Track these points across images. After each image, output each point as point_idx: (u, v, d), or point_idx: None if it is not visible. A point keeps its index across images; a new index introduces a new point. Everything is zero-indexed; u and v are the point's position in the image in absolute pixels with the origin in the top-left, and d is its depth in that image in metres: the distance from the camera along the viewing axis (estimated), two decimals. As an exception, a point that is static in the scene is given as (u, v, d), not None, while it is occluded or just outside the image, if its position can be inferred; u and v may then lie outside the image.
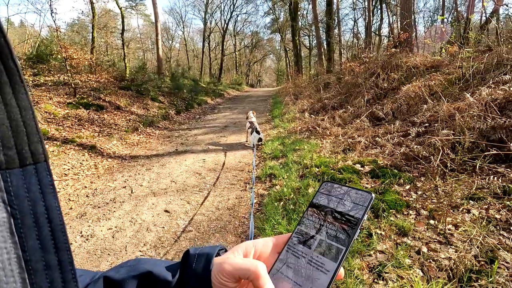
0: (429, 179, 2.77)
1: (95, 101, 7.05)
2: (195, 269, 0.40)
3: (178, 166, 4.49)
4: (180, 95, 11.48)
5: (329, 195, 0.40)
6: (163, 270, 0.41)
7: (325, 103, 7.19)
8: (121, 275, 0.39)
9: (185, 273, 0.40)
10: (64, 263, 0.24)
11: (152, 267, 0.41)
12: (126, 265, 0.41)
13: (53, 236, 0.24)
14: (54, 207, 0.24)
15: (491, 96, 3.39)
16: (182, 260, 0.42)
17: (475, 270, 1.68)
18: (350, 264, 1.88)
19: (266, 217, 2.72)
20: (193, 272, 0.39)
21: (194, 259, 0.41)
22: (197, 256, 0.41)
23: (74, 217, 3.06)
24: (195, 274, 0.39)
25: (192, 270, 0.40)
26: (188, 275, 0.40)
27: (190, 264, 0.40)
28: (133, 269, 0.40)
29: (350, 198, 0.38)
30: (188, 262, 0.41)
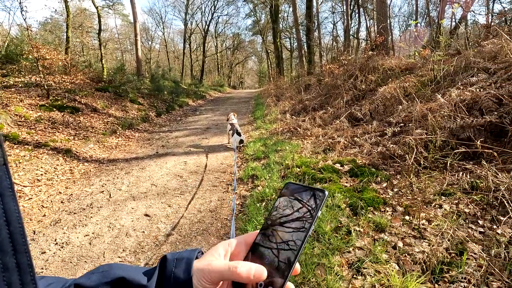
0: (404, 177, 2.88)
1: (70, 103, 6.78)
2: (175, 273, 0.39)
3: (158, 169, 4.41)
4: (161, 97, 11.27)
5: (291, 195, 0.44)
6: (137, 275, 0.40)
7: (306, 104, 7.31)
8: (93, 282, 0.38)
9: (163, 278, 0.39)
10: (23, 265, 0.24)
11: (125, 272, 0.40)
12: (97, 272, 0.40)
13: (11, 239, 0.23)
14: (13, 210, 0.24)
15: (460, 97, 3.58)
16: (159, 265, 0.41)
17: (446, 262, 1.77)
18: (330, 261, 1.92)
19: (248, 218, 2.73)
20: (174, 276, 0.39)
21: (173, 264, 0.40)
22: (176, 261, 0.40)
23: (48, 225, 2.92)
24: (176, 278, 0.39)
25: (172, 274, 0.39)
26: (167, 280, 0.39)
27: (169, 269, 0.40)
28: (105, 275, 0.39)
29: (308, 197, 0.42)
30: (166, 267, 0.40)
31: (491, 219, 2.09)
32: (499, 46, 4.39)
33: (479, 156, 2.87)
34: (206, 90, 19.00)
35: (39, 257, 2.41)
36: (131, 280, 0.39)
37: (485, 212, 2.17)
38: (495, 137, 3.05)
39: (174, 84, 15.49)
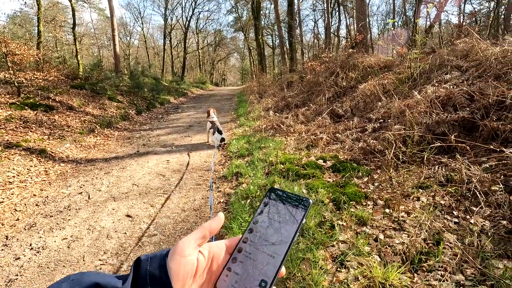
0: (384, 171, 2.98)
1: (43, 101, 6.45)
2: (149, 271, 0.38)
3: (140, 168, 4.30)
4: (141, 94, 10.97)
5: (275, 201, 0.44)
6: (111, 279, 0.38)
7: (289, 102, 7.37)
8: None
9: (139, 278, 0.38)
10: None
11: (98, 278, 0.38)
12: (68, 280, 0.38)
13: None
14: None
15: (435, 93, 3.74)
16: (133, 267, 0.40)
17: (424, 252, 1.85)
18: (315, 256, 1.95)
19: (233, 215, 2.72)
20: (150, 275, 0.38)
21: (147, 263, 0.39)
22: (150, 260, 0.40)
23: (22, 229, 2.78)
24: (151, 276, 0.38)
25: (147, 273, 0.38)
26: (143, 280, 0.38)
27: (144, 269, 0.39)
28: (77, 283, 0.37)
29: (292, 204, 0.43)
30: (140, 267, 0.39)
31: (465, 210, 2.20)
32: (470, 45, 4.61)
33: (453, 150, 3.01)
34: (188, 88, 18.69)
35: (12, 264, 2.29)
36: (106, 285, 0.37)
37: (459, 203, 2.29)
38: (468, 131, 3.21)
39: (155, 81, 15.12)
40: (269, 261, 0.38)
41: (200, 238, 0.41)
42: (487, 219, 2.06)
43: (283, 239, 0.39)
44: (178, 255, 0.39)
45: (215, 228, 0.43)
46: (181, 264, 0.38)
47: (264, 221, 0.42)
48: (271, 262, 0.38)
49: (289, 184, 3.08)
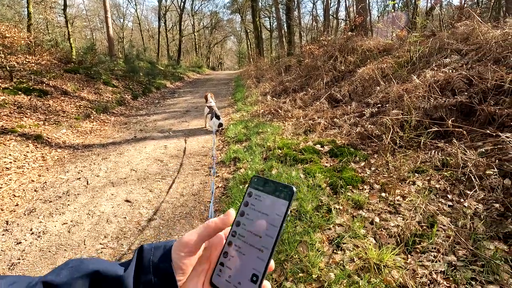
0: (381, 156, 3.00)
1: (37, 85, 6.33)
2: (153, 261, 0.38)
3: (137, 154, 4.30)
4: (136, 79, 10.80)
5: (258, 190, 0.42)
6: (112, 266, 0.38)
7: (287, 86, 7.30)
8: (63, 278, 0.35)
9: (141, 267, 0.38)
10: None
11: (98, 265, 0.38)
12: (67, 267, 0.37)
13: None
14: None
15: (434, 78, 3.71)
16: (136, 255, 0.40)
17: (418, 234, 1.89)
18: (312, 239, 2.00)
19: (231, 200, 2.75)
20: (153, 265, 0.38)
21: (151, 253, 0.39)
22: (153, 250, 0.40)
23: (22, 214, 2.80)
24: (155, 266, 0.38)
25: (150, 263, 0.38)
26: (146, 269, 0.38)
27: (147, 258, 0.39)
28: (77, 270, 0.37)
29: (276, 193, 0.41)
30: (143, 257, 0.39)
31: (459, 193, 2.24)
32: (471, 28, 4.54)
33: (449, 135, 3.03)
34: (184, 72, 18.39)
35: (14, 248, 2.32)
36: (106, 272, 0.37)
37: (454, 187, 2.33)
38: (465, 116, 3.22)
39: (150, 65, 14.84)
40: (258, 255, 0.38)
41: (205, 236, 0.40)
42: (480, 202, 2.10)
43: (269, 231, 0.38)
44: (182, 251, 0.39)
45: (220, 227, 0.41)
46: (185, 259, 0.39)
47: (249, 213, 0.41)
48: (260, 256, 0.38)
49: (287, 169, 3.10)
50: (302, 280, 1.71)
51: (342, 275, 1.68)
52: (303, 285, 1.68)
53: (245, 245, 0.39)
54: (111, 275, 0.37)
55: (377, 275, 1.64)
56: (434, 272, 1.63)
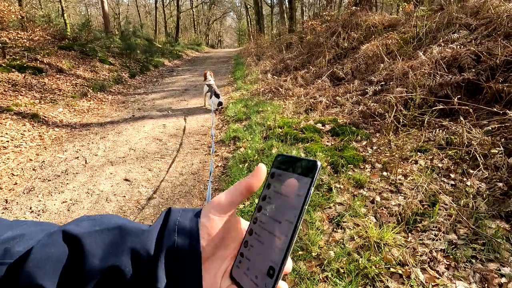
0: (384, 135, 2.94)
1: (31, 63, 6.16)
2: (180, 222, 0.34)
3: (136, 133, 4.24)
4: (133, 56, 10.52)
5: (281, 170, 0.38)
6: (135, 224, 0.35)
7: (288, 64, 7.11)
8: (83, 229, 0.32)
9: (167, 227, 0.34)
10: None
11: (121, 220, 0.34)
12: (88, 219, 0.34)
13: None
14: None
15: (440, 54, 3.57)
16: (164, 215, 0.36)
17: (419, 213, 1.88)
18: (312, 217, 1.99)
19: (231, 179, 2.73)
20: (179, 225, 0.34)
21: (179, 214, 0.35)
22: (182, 211, 0.36)
23: (21, 193, 2.79)
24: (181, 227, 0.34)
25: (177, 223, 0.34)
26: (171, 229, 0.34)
27: (174, 219, 0.35)
28: (98, 223, 0.33)
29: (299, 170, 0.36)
30: (170, 217, 0.35)
31: (462, 173, 2.20)
32: (482, 0, 4.32)
33: (455, 113, 2.96)
34: (183, 49, 17.92)
35: (14, 226, 2.32)
36: (130, 228, 0.33)
37: (457, 166, 2.29)
38: (471, 94, 3.12)
39: (147, 42, 14.42)
40: (277, 244, 0.33)
41: (236, 195, 0.35)
42: (483, 181, 2.07)
43: (289, 215, 0.34)
44: (210, 213, 0.35)
45: (255, 184, 0.36)
46: (214, 222, 0.34)
47: (271, 196, 0.37)
48: (278, 245, 0.33)
49: (287, 148, 3.05)
50: (302, 258, 1.71)
51: (341, 253, 1.68)
52: (302, 263, 1.68)
53: (264, 232, 0.35)
54: (135, 231, 0.33)
55: (377, 253, 1.64)
56: (434, 250, 1.62)
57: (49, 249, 0.31)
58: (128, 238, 0.33)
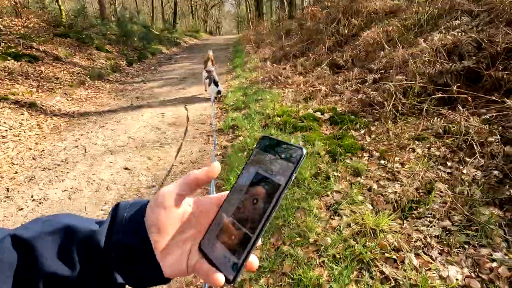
0: (382, 123, 2.95)
1: (26, 50, 6.07)
2: (126, 216, 0.35)
3: (135, 122, 4.23)
4: (130, 44, 10.36)
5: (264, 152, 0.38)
6: (86, 222, 0.36)
7: (287, 51, 7.02)
8: (32, 232, 0.33)
9: (115, 223, 0.35)
10: None
11: (72, 220, 0.35)
12: (39, 221, 0.35)
13: None
14: None
15: (441, 41, 3.53)
16: (112, 212, 0.37)
17: (415, 200, 1.91)
18: (310, 205, 2.02)
19: (230, 167, 2.75)
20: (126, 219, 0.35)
21: (126, 209, 0.36)
22: (129, 206, 0.37)
23: (22, 182, 2.81)
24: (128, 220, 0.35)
25: (124, 218, 0.35)
26: (118, 225, 0.35)
27: (121, 214, 0.36)
28: (49, 225, 0.34)
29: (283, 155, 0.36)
30: (117, 213, 0.36)
31: (459, 161, 2.22)
32: (485, -14, 4.23)
33: (453, 102, 2.95)
34: (181, 36, 17.63)
35: (17, 214, 2.36)
36: (79, 228, 0.34)
37: (454, 154, 2.31)
38: (471, 82, 3.11)
39: (145, 29, 14.15)
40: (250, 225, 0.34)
41: (184, 188, 0.36)
42: (479, 169, 2.10)
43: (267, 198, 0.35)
44: (157, 206, 0.35)
45: (201, 178, 0.36)
46: (160, 215, 0.35)
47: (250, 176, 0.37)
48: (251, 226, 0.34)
49: (286, 137, 3.06)
50: (299, 244, 1.75)
51: (338, 239, 1.72)
52: (300, 249, 1.72)
53: (238, 213, 0.36)
54: (84, 231, 0.34)
55: (373, 240, 1.68)
56: (429, 236, 1.66)
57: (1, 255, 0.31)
58: (77, 237, 0.34)
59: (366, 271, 1.52)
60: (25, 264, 0.32)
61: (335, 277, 1.50)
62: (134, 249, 0.34)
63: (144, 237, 0.34)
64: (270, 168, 0.36)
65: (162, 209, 0.35)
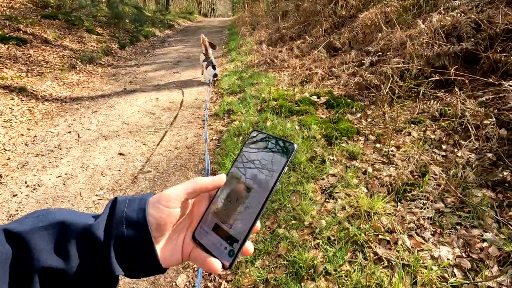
0: (378, 107, 2.93)
1: (13, 33, 5.86)
2: (126, 213, 0.35)
3: (128, 107, 4.16)
4: (122, 26, 10.04)
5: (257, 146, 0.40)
6: (82, 217, 0.35)
7: (283, 34, 6.86)
8: (25, 227, 0.32)
9: (113, 219, 0.35)
10: None
11: (66, 215, 0.34)
12: (32, 216, 0.34)
13: None
14: None
15: (440, 22, 3.46)
16: (109, 207, 0.36)
17: (409, 183, 1.92)
18: (305, 189, 2.03)
19: (225, 152, 2.74)
20: (126, 216, 0.35)
21: (125, 205, 0.36)
22: (128, 202, 0.36)
23: (15, 168, 2.78)
24: (127, 218, 0.35)
25: (123, 215, 0.35)
26: (118, 221, 0.34)
27: (120, 210, 0.35)
28: (42, 219, 0.33)
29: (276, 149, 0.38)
30: (116, 208, 0.36)
31: (453, 144, 2.23)
32: (487, -36, 4.10)
33: (450, 84, 2.93)
34: (174, 19, 17.11)
35: (11, 200, 2.35)
36: (74, 223, 0.34)
37: (449, 137, 2.31)
38: (468, 64, 3.08)
39: (136, 10, 13.70)
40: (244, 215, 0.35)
41: (190, 193, 0.37)
42: (473, 152, 2.11)
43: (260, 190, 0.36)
44: (161, 205, 0.36)
45: (209, 187, 0.38)
46: (164, 214, 0.35)
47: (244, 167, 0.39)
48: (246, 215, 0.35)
49: (282, 121, 3.04)
50: (294, 227, 1.77)
51: (333, 222, 1.74)
52: (295, 232, 1.74)
53: (232, 204, 0.37)
54: (81, 225, 0.34)
55: (367, 222, 1.70)
56: (422, 218, 1.69)
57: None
58: (74, 231, 0.33)
59: (360, 252, 1.54)
60: (19, 258, 0.31)
61: (329, 258, 1.52)
62: (135, 243, 0.34)
63: (145, 232, 0.34)
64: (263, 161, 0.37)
65: (166, 209, 0.35)
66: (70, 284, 0.33)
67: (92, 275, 0.33)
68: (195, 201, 0.40)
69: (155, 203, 0.36)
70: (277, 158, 0.36)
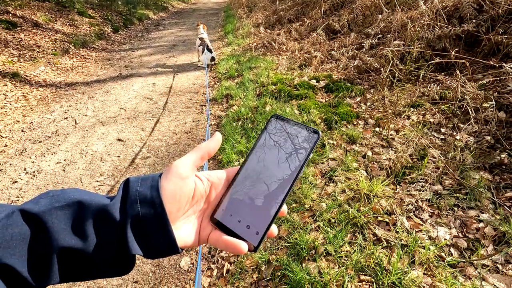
0: (378, 90, 2.91)
1: (2, 16, 5.66)
2: (140, 191, 0.35)
3: (125, 92, 4.10)
4: (115, 8, 9.72)
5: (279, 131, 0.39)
6: (97, 197, 0.35)
7: (281, 16, 6.69)
8: (41, 207, 0.32)
9: (127, 198, 0.35)
10: None
11: (81, 195, 0.34)
12: (47, 196, 0.34)
13: None
14: None
15: (442, 3, 3.39)
16: (123, 187, 0.36)
17: (408, 166, 1.95)
18: (305, 173, 2.04)
19: (225, 137, 2.73)
20: (140, 195, 0.35)
21: (138, 184, 0.36)
22: (140, 181, 0.36)
23: (13, 155, 2.76)
24: (142, 196, 0.35)
25: (137, 193, 0.35)
26: (132, 200, 0.34)
27: (134, 189, 0.35)
28: (57, 199, 0.33)
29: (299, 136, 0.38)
30: (129, 187, 0.36)
31: (453, 127, 2.24)
32: None
33: (451, 67, 2.91)
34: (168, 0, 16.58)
35: (11, 187, 2.35)
36: (90, 203, 0.33)
37: (448, 120, 2.32)
38: (469, 47, 3.05)
39: (129, -8, 13.21)
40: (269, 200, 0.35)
41: (198, 159, 0.38)
42: (472, 135, 2.13)
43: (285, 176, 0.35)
44: (173, 176, 0.36)
45: (213, 148, 0.40)
46: (176, 185, 0.35)
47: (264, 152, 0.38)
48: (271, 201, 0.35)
49: (281, 106, 3.02)
50: (295, 210, 1.80)
51: (333, 205, 1.76)
52: (296, 215, 1.77)
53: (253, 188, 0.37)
54: (95, 206, 0.34)
55: (367, 204, 1.73)
56: (420, 200, 1.72)
57: (12, 230, 0.30)
58: (91, 210, 0.33)
59: (360, 234, 1.58)
60: (38, 239, 0.31)
61: (330, 239, 1.56)
62: (150, 221, 0.34)
63: (160, 209, 0.34)
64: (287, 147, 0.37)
65: (178, 179, 0.36)
66: (87, 264, 0.33)
67: (110, 255, 0.33)
68: (213, 185, 0.40)
69: (166, 174, 0.36)
70: (302, 144, 0.36)
